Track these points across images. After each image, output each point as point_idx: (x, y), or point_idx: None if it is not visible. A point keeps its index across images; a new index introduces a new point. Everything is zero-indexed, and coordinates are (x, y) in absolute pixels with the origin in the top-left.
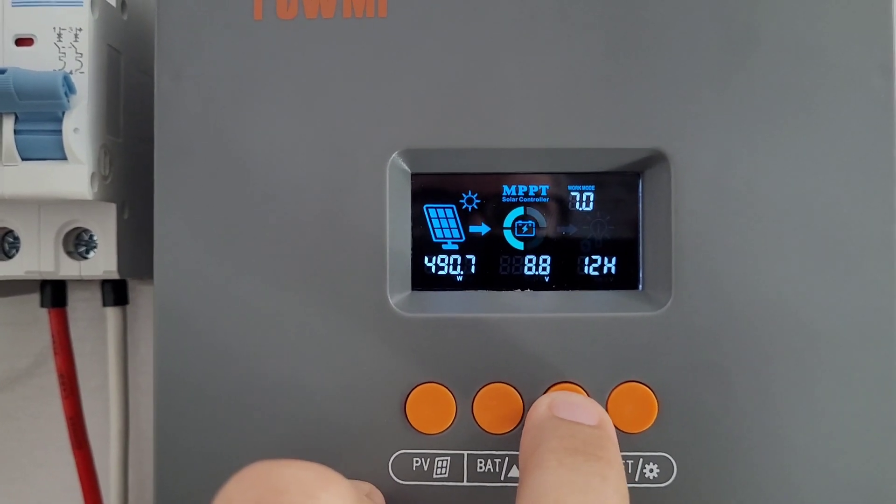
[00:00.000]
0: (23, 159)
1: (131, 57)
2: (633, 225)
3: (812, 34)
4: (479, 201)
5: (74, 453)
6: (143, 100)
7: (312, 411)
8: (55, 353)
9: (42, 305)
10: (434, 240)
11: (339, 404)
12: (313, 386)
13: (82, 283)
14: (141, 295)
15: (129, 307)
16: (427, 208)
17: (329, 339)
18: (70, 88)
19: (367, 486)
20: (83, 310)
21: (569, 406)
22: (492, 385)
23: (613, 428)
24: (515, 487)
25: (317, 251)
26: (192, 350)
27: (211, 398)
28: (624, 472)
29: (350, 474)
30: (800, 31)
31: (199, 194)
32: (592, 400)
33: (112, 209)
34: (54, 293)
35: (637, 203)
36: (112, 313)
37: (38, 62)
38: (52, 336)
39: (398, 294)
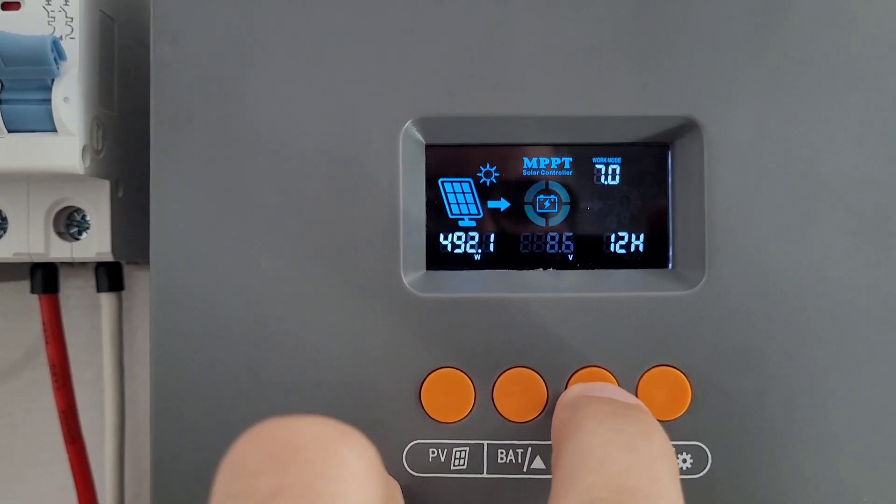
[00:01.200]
0: (9, 131)
1: (127, 26)
2: (663, 199)
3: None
4: (497, 175)
5: (68, 448)
6: (139, 71)
7: (320, 399)
8: (46, 343)
9: (32, 291)
10: (450, 216)
11: (349, 391)
12: (321, 373)
13: (76, 269)
14: (137, 281)
15: (124, 294)
16: (443, 182)
17: (339, 322)
18: (59, 54)
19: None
20: (77, 297)
21: (601, 390)
22: (513, 370)
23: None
24: (539, 479)
25: (325, 228)
26: (191, 336)
27: (213, 387)
28: (668, 439)
29: None
30: None
31: (198, 168)
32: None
33: (105, 187)
34: (45, 278)
35: (667, 176)
36: (107, 299)
37: (26, 27)
38: (44, 324)
39: (412, 273)
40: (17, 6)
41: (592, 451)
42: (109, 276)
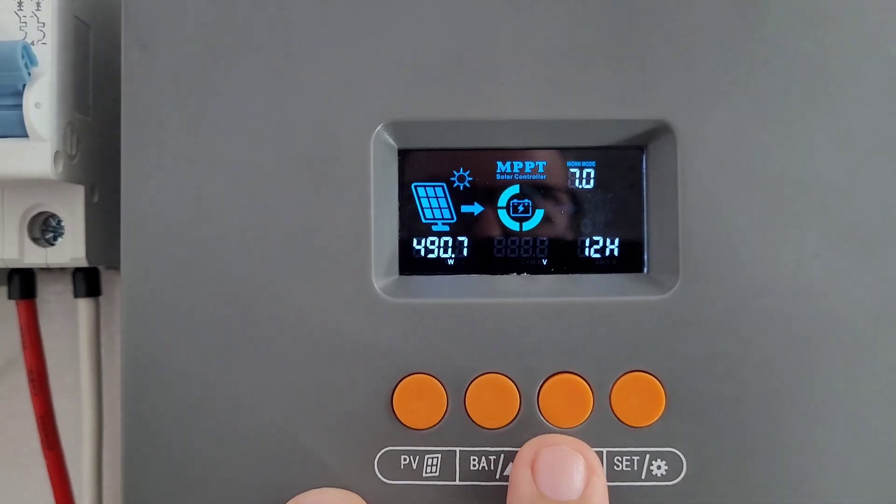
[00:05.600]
0: None
1: (103, 32)
2: (637, 203)
3: None
4: (471, 179)
5: (45, 454)
6: (117, 78)
7: (292, 405)
8: (24, 348)
9: (10, 297)
10: (423, 220)
11: (320, 398)
12: (292, 378)
13: (55, 274)
14: (116, 286)
15: (102, 299)
16: (416, 187)
17: (310, 328)
18: (31, 60)
19: (353, 498)
20: (56, 303)
21: (551, 472)
22: (486, 376)
23: (603, 486)
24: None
25: (296, 233)
26: (162, 341)
27: (182, 392)
28: None
29: (333, 474)
30: None
31: (169, 173)
32: (578, 450)
33: (80, 192)
34: (22, 284)
35: (641, 179)
36: (84, 304)
37: None
38: (21, 329)
39: (384, 278)
40: None
41: None
42: (86, 282)
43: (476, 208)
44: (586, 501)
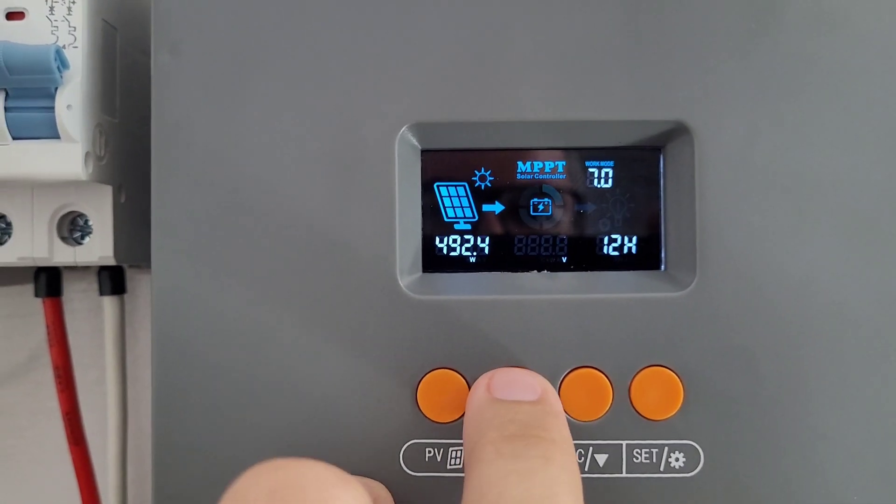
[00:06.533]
0: (14, 138)
1: (128, 35)
2: (655, 202)
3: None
4: (492, 179)
5: (71, 449)
6: (141, 80)
7: (319, 400)
8: (50, 345)
9: (36, 295)
10: (446, 219)
11: (346, 393)
12: (319, 374)
13: (79, 272)
14: (140, 284)
15: (127, 296)
16: (438, 186)
17: (336, 325)
18: (63, 63)
19: (377, 487)
20: (80, 300)
21: (507, 385)
22: None
23: (558, 400)
24: None
25: (323, 232)
26: (191, 338)
27: (212, 388)
28: (572, 448)
29: (359, 466)
30: None
31: (198, 174)
32: (533, 372)
33: (108, 192)
34: (49, 282)
35: (659, 179)
36: (109, 302)
37: (30, 36)
38: (47, 327)
39: (409, 276)
40: (21, 16)
41: (491, 484)
42: (112, 280)
43: (497, 207)
44: (543, 402)
